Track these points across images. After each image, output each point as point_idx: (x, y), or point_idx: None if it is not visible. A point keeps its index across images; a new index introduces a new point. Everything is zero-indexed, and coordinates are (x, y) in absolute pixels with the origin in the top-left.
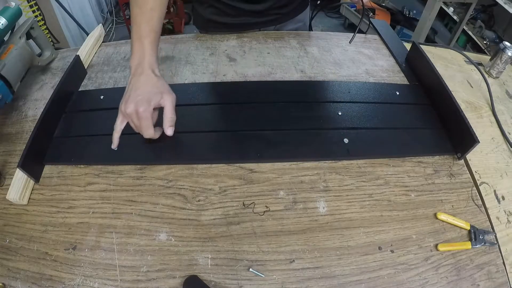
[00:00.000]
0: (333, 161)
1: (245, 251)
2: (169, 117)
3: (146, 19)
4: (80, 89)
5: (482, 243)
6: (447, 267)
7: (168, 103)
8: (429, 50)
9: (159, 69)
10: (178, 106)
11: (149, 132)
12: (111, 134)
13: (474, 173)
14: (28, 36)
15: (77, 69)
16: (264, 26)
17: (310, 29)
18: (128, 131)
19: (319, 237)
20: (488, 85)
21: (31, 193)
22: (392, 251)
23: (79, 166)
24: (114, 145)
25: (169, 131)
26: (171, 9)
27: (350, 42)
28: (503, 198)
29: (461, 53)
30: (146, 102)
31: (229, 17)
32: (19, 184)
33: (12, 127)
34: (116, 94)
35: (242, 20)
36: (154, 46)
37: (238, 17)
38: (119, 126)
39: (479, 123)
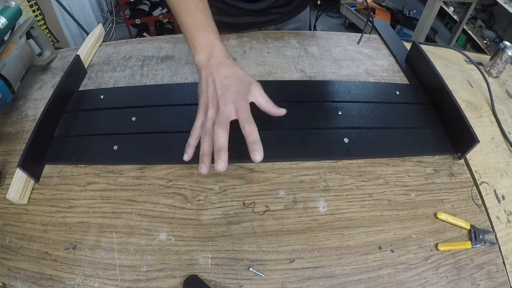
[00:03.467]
0: (333, 161)
1: (245, 250)
2: (270, 106)
3: (199, 8)
4: (80, 89)
5: (482, 243)
6: (447, 267)
7: (259, 96)
8: (429, 50)
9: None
10: (177, 106)
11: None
12: (111, 134)
13: (474, 172)
14: (28, 35)
15: (77, 69)
16: (264, 26)
17: (314, 29)
18: (128, 131)
19: (319, 236)
20: (488, 84)
21: (31, 193)
22: (392, 251)
23: (79, 165)
24: (188, 156)
25: (282, 111)
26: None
27: (358, 43)
28: (503, 197)
29: (461, 53)
30: (243, 97)
31: (230, 16)
32: (19, 183)
33: (12, 127)
34: (116, 94)
35: (243, 19)
36: (218, 35)
37: (239, 16)
38: (198, 129)
39: (479, 122)
